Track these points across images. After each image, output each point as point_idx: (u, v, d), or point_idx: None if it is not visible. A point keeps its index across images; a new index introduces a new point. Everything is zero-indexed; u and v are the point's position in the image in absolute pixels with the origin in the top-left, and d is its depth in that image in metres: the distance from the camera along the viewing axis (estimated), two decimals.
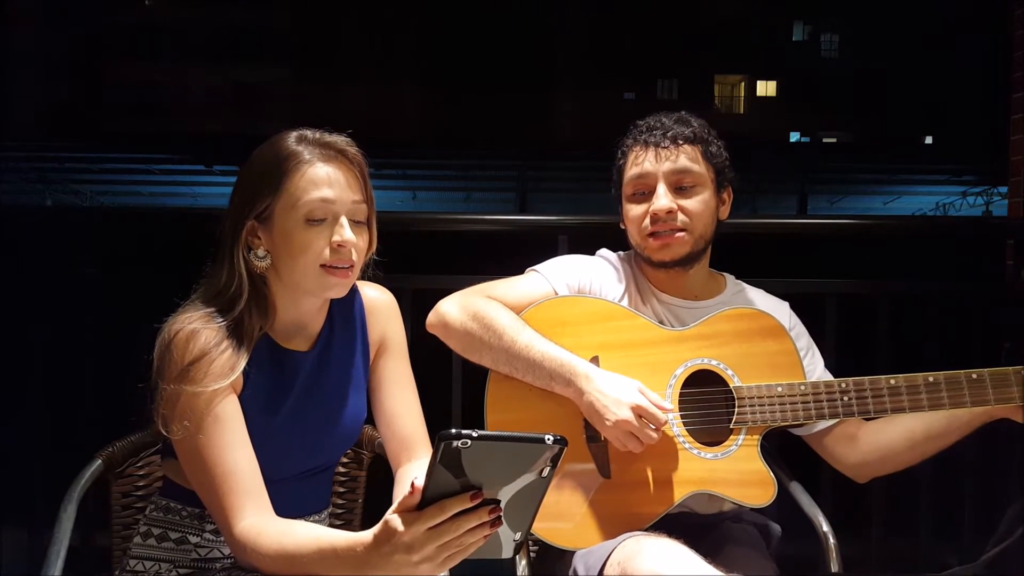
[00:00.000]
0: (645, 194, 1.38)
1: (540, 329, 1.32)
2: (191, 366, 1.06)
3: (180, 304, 1.14)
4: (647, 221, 1.37)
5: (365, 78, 25.09)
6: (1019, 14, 2.43)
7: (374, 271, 1.22)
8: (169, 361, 1.07)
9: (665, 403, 1.26)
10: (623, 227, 1.45)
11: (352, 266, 1.13)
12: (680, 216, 1.36)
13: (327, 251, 1.10)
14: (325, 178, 1.11)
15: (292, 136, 1.13)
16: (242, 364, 1.10)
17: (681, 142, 1.37)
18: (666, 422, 1.25)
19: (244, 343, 1.10)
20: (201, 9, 25.04)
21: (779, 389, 1.31)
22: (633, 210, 1.40)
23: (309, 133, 1.14)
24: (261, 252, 1.12)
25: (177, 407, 1.06)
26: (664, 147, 1.37)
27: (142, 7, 26.09)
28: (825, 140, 26.82)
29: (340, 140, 1.14)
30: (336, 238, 1.10)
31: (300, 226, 1.10)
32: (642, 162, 1.38)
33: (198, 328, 1.08)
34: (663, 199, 1.36)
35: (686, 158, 1.37)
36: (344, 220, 1.11)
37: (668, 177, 1.37)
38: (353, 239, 1.11)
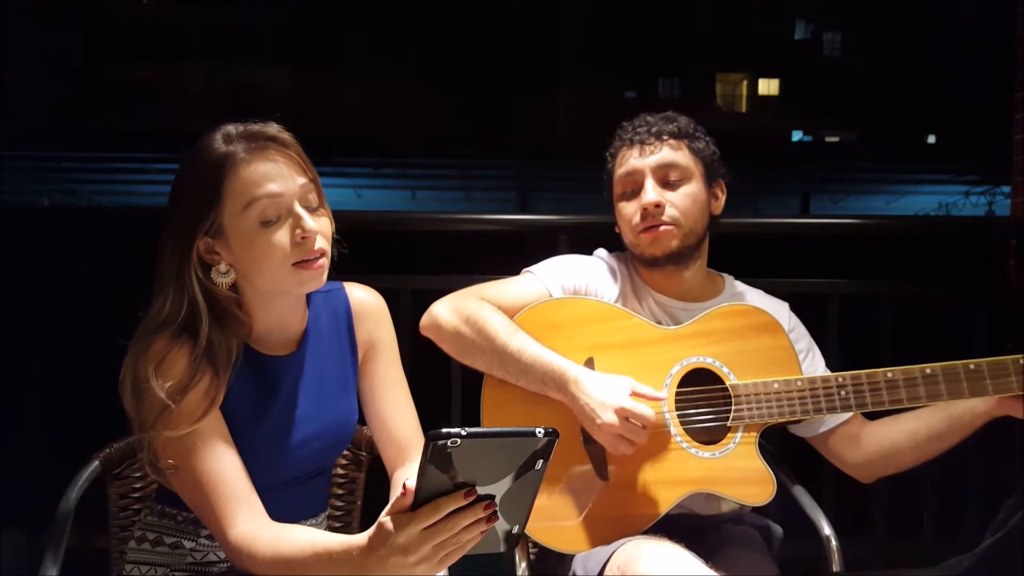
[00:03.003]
0: (635, 191, 1.38)
1: (534, 332, 1.31)
2: (167, 410, 1.02)
3: (128, 345, 1.07)
4: (637, 218, 1.37)
5: (365, 77, 25.10)
6: (1021, 13, 2.41)
7: (338, 253, 1.14)
8: (144, 407, 1.03)
9: (658, 393, 1.25)
10: (618, 231, 1.44)
11: (323, 254, 1.07)
12: (668, 210, 1.36)
13: (291, 247, 1.05)
14: (265, 172, 1.04)
15: (217, 137, 1.05)
16: (222, 393, 1.05)
17: (665, 137, 1.38)
18: (653, 417, 1.23)
19: (222, 367, 1.06)
20: (199, 8, 25.04)
21: (775, 385, 1.31)
22: (625, 209, 1.40)
23: (232, 129, 1.06)
24: (223, 267, 1.06)
25: (159, 453, 1.04)
26: (649, 143, 1.38)
27: (140, 5, 26.10)
28: (827, 139, 26.82)
29: (268, 128, 1.07)
30: (298, 231, 1.05)
31: (256, 230, 1.03)
32: (628, 160, 1.39)
33: (165, 368, 1.03)
34: (651, 193, 1.36)
35: (670, 150, 1.38)
36: (299, 209, 1.04)
37: (654, 172, 1.37)
38: (315, 227, 1.06)
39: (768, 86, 28.10)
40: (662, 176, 1.37)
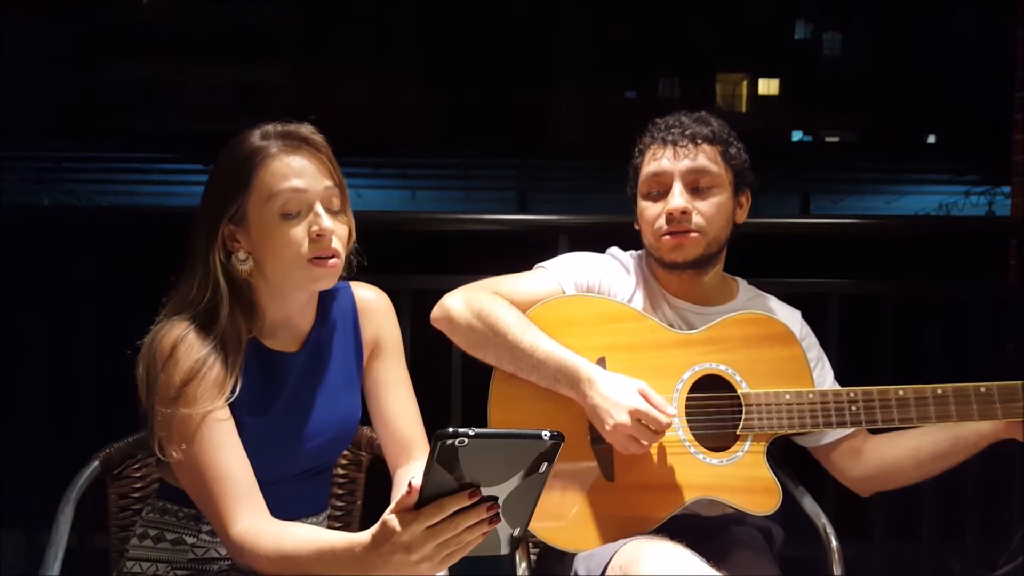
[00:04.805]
0: (661, 193, 1.35)
1: (546, 328, 1.30)
2: (184, 388, 1.04)
3: (155, 320, 1.11)
4: (661, 221, 1.34)
5: (365, 77, 25.11)
6: (1022, 13, 2.41)
7: (358, 263, 1.19)
8: (159, 384, 1.06)
9: (669, 408, 1.24)
10: (637, 228, 1.42)
11: (336, 255, 1.11)
12: (695, 218, 1.33)
13: (307, 243, 1.08)
14: (293, 168, 1.09)
15: (255, 133, 1.11)
16: (233, 377, 1.08)
17: (700, 141, 1.35)
18: (668, 425, 1.23)
19: (232, 353, 1.08)
20: (199, 7, 25.05)
21: (787, 396, 1.30)
22: (648, 209, 1.36)
23: (271, 127, 1.12)
24: (242, 255, 1.10)
25: (172, 431, 1.05)
26: (683, 145, 1.34)
27: (139, 5, 26.11)
28: (828, 139, 26.84)
29: (303, 128, 1.12)
30: (314, 228, 1.08)
31: (276, 221, 1.08)
32: (659, 159, 1.36)
33: (186, 345, 1.06)
34: (678, 199, 1.33)
35: (704, 157, 1.34)
36: (319, 208, 1.09)
37: (685, 176, 1.34)
38: (332, 227, 1.09)
39: (768, 86, 28.12)
40: (692, 182, 1.34)
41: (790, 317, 1.43)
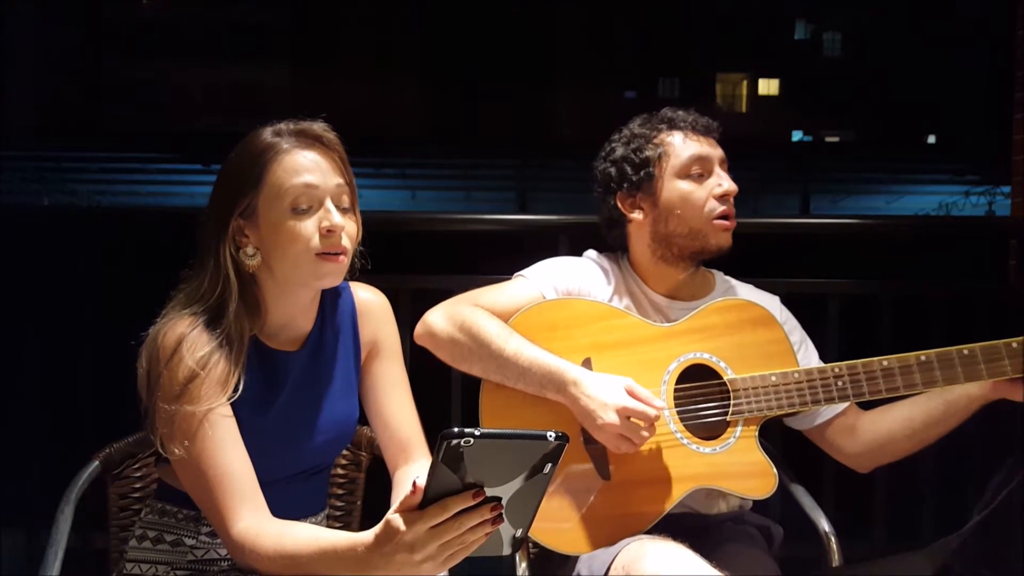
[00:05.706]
0: (703, 176, 1.38)
1: (531, 334, 1.31)
2: (187, 385, 1.05)
3: (160, 313, 1.11)
4: (712, 204, 1.36)
5: (365, 77, 25.09)
6: (1022, 13, 2.42)
7: (361, 266, 1.19)
8: (163, 380, 1.06)
9: (656, 400, 1.25)
10: (641, 216, 1.40)
11: (344, 252, 1.11)
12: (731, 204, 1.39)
13: (317, 238, 1.09)
14: (306, 164, 1.09)
15: (268, 130, 1.12)
16: (237, 374, 1.08)
17: (716, 135, 1.41)
18: (657, 417, 1.23)
19: (236, 351, 1.09)
20: (199, 7, 25.03)
21: (773, 378, 1.31)
22: (697, 191, 1.37)
23: (283, 125, 1.13)
24: (251, 250, 1.10)
25: (174, 428, 1.05)
26: (711, 135, 1.40)
27: (139, 5, 26.10)
28: (828, 139, 26.82)
29: (316, 126, 1.12)
30: (325, 224, 1.09)
31: (287, 216, 1.08)
32: (697, 146, 1.38)
33: (191, 341, 1.06)
34: (729, 181, 1.37)
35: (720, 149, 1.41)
36: (330, 205, 1.10)
37: (722, 164, 1.39)
38: (342, 223, 1.10)
39: (768, 86, 28.09)
40: (725, 171, 1.39)
41: (769, 303, 1.45)
